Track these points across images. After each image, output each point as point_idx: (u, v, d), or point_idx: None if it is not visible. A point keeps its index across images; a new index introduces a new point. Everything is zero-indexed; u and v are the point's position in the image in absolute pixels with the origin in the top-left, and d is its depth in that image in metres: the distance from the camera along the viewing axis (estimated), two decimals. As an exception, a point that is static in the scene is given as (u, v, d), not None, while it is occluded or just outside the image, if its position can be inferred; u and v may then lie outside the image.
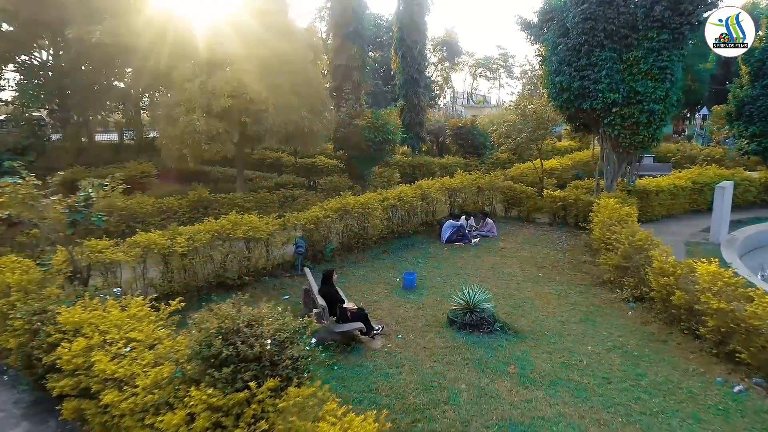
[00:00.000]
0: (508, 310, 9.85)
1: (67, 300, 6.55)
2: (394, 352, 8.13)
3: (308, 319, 5.29)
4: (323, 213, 12.37)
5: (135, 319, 5.88)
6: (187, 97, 12.73)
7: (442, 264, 12.76)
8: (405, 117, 24.10)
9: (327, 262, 12.51)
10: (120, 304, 6.42)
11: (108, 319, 5.81)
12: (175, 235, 9.78)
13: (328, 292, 8.32)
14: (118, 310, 6.07)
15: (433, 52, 54.91)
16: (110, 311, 6.05)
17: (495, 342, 8.46)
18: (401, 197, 14.40)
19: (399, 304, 10.14)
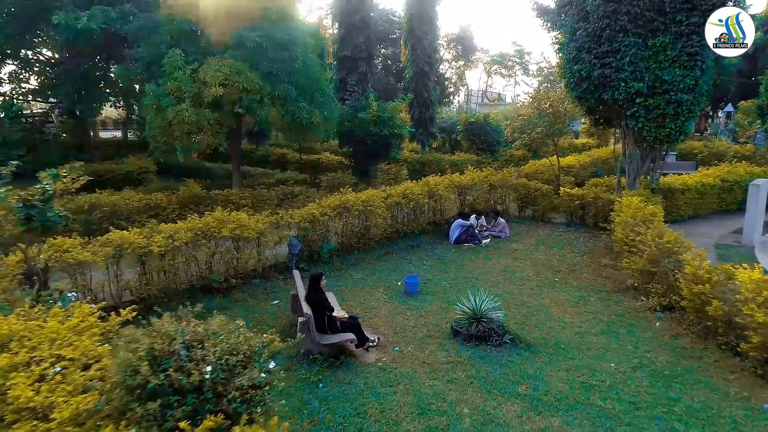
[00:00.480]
0: (520, 319, 8.84)
1: (4, 307, 5.69)
2: (389, 368, 7.16)
3: (269, 336, 4.35)
4: (320, 211, 11.44)
5: (75, 332, 4.98)
6: (177, 86, 11.88)
7: (449, 267, 11.76)
8: (414, 112, 23.09)
9: (324, 263, 11.59)
10: (66, 312, 5.54)
11: (43, 331, 4.92)
12: (153, 233, 8.91)
13: (315, 299, 7.38)
14: (57, 321, 5.18)
15: (446, 49, 53.87)
16: (49, 321, 5.16)
17: (504, 357, 7.46)
18: (406, 194, 13.43)
19: (399, 311, 9.18)
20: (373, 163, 17.61)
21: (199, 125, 11.84)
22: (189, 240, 9.16)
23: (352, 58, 19.27)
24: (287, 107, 12.72)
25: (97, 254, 8.08)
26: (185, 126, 11.60)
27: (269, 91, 12.42)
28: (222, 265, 10.11)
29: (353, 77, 19.00)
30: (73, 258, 7.75)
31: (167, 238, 8.88)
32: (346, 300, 9.63)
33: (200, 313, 8.75)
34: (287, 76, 12.76)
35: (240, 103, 12.20)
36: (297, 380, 6.82)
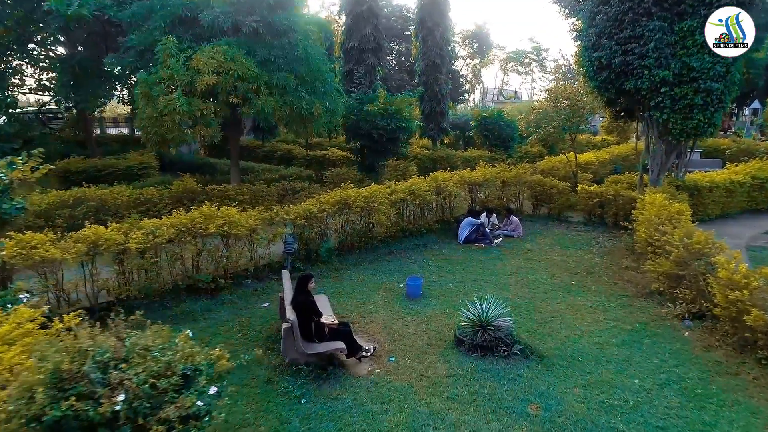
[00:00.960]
0: (532, 326, 7.99)
1: (-63, 310, 5.04)
2: (382, 381, 6.38)
3: (217, 352, 3.59)
4: (318, 207, 10.69)
5: (4, 341, 4.28)
6: (169, 74, 11.22)
7: (457, 268, 10.92)
8: (425, 106, 22.23)
9: (323, 263, 10.84)
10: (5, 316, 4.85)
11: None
12: (133, 229, 8.23)
13: (301, 303, 6.62)
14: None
15: (461, 46, 52.91)
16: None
17: (513, 370, 6.62)
18: (412, 190, 12.61)
19: (398, 316, 8.39)
20: (380, 159, 16.81)
21: (191, 115, 11.16)
22: (172, 237, 8.46)
23: (359, 49, 18.50)
24: (286, 97, 11.98)
25: (68, 251, 7.40)
26: (176, 116, 10.92)
27: (266, 80, 11.69)
28: (210, 264, 9.42)
29: (360, 69, 18.24)
30: (40, 255, 7.08)
31: (147, 235, 8.20)
32: (342, 303, 8.88)
33: (180, 315, 8.18)
34: (286, 65, 12.03)
35: (235, 92, 11.50)
36: (278, 394, 6.07)
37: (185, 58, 11.56)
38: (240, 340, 7.50)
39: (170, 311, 8.33)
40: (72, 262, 7.47)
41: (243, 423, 5.56)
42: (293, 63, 12.12)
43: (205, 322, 8.11)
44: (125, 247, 7.88)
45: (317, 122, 12.74)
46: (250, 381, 6.37)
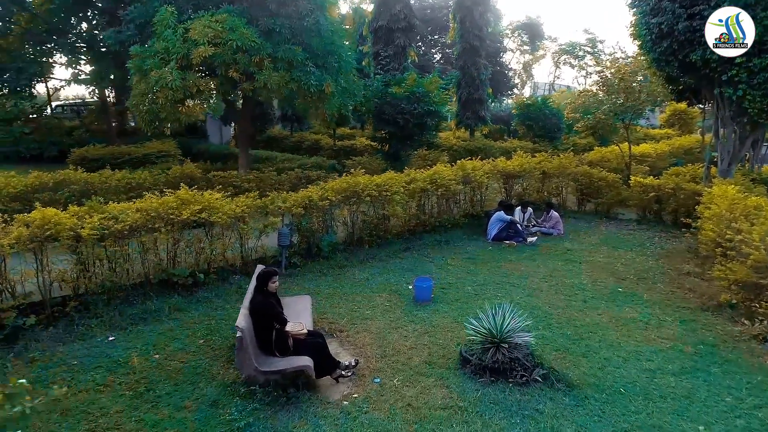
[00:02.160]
0: (564, 343, 6.33)
1: None
2: (356, 411, 4.92)
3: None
4: (320, 194, 9.34)
5: None
6: (164, 47, 10.14)
7: (480, 268, 9.32)
8: (461, 93, 20.53)
9: (324, 259, 9.49)
10: None
11: None
12: (92, 212, 7.11)
13: (259, 306, 5.26)
14: None
15: (511, 38, 50.57)
16: None
17: (531, 403, 5.02)
18: (434, 179, 11.07)
19: (398, 324, 6.91)
20: (406, 146, 15.30)
21: (186, 91, 10.03)
22: (138, 223, 7.28)
23: (388, 28, 17.06)
24: (293, 72, 10.67)
25: (7, 236, 6.32)
26: (169, 92, 9.81)
27: (270, 53, 10.43)
28: (191, 257, 8.24)
29: (389, 50, 16.79)
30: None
31: (108, 220, 7.05)
32: (334, 306, 7.49)
33: (143, 314, 6.98)
34: (293, 36, 10.74)
35: (235, 65, 10.29)
36: (218, 423, 4.72)
37: (184, 30, 10.46)
38: (200, 347, 6.22)
39: (133, 309, 7.16)
40: (10, 249, 6.37)
41: (161, 462, 4.25)
42: (302, 34, 10.81)
43: (170, 323, 6.89)
44: (78, 233, 6.74)
45: (329, 102, 11.37)
46: (192, 402, 5.06)
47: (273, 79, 10.35)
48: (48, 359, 5.90)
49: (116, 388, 5.30)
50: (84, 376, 5.55)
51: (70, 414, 4.87)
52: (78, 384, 5.39)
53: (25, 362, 5.83)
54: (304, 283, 8.44)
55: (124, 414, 4.86)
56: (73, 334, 6.50)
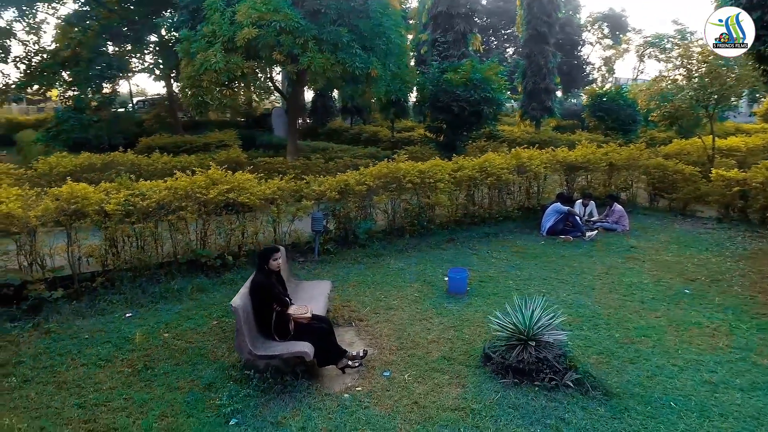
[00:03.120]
0: (609, 347, 5.52)
1: None
2: (356, 406, 4.44)
3: None
4: (357, 179, 8.92)
5: None
6: (212, 30, 10.12)
7: (528, 263, 8.55)
8: (527, 82, 19.44)
9: (360, 246, 9.07)
10: None
11: None
12: (121, 188, 7.09)
13: (258, 286, 4.89)
14: None
15: (590, 31, 48.00)
16: None
17: (557, 411, 4.33)
18: (484, 167, 10.35)
19: (425, 316, 6.35)
20: (461, 136, 14.57)
21: (229, 74, 9.95)
22: (165, 200, 7.18)
23: (447, 14, 16.38)
24: (339, 55, 10.34)
25: (34, 211, 6.38)
26: (213, 74, 9.77)
27: (315, 34, 10.14)
28: (222, 239, 8.08)
29: (448, 36, 16.10)
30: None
31: (135, 197, 7.00)
32: (360, 294, 7.05)
33: (166, 293, 6.86)
34: (339, 17, 10.40)
35: (279, 47, 10.09)
36: (206, 408, 4.40)
37: (231, 13, 10.41)
38: (212, 329, 5.97)
39: (156, 287, 7.07)
40: (37, 221, 6.43)
41: (137, 444, 3.97)
42: (348, 15, 10.45)
43: (188, 303, 6.72)
44: (101, 208, 6.71)
45: (376, 86, 10.93)
46: (186, 383, 4.78)
47: (317, 61, 10.06)
48: (63, 332, 5.87)
49: (117, 365, 5.14)
50: (91, 350, 5.43)
51: (65, 387, 4.73)
52: (82, 357, 5.28)
53: (41, 333, 5.82)
54: (335, 270, 8.05)
55: (116, 391, 4.66)
56: (94, 309, 6.47)
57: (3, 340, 5.60)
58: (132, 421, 4.21)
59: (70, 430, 4.10)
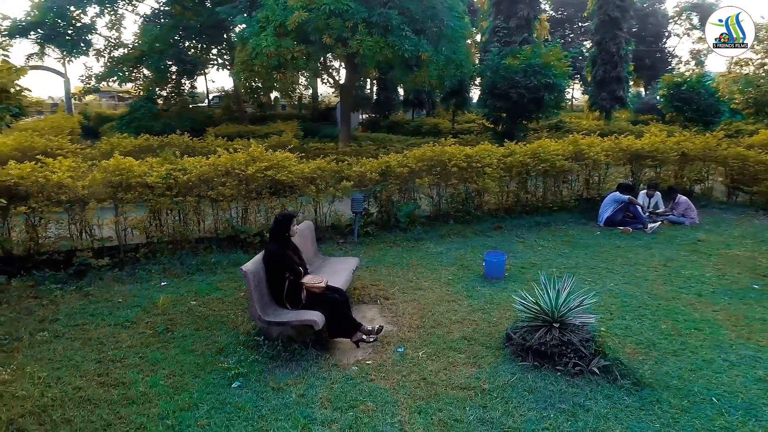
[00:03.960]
0: (652, 337, 5.02)
1: None
2: (361, 378, 4.29)
3: None
4: (398, 161, 8.75)
5: None
6: (265, 15, 10.31)
7: (577, 252, 8.02)
8: (597, 71, 18.39)
9: (402, 230, 8.90)
10: None
11: None
12: (164, 163, 7.34)
13: (273, 255, 4.83)
14: None
15: (676, 22, 45.03)
16: None
17: (578, 397, 3.96)
18: (537, 153, 9.85)
19: (454, 298, 6.08)
20: (520, 125, 13.99)
21: (280, 58, 10.08)
22: (205, 175, 7.35)
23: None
24: (389, 38, 10.20)
25: (81, 180, 6.72)
26: (263, 58, 9.93)
27: (364, 17, 10.06)
28: (261, 216, 8.18)
29: (510, 23, 15.50)
30: (45, 177, 6.48)
31: (176, 171, 7.21)
32: (393, 274, 6.89)
33: (202, 266, 7.02)
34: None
35: (328, 31, 10.10)
36: (214, 370, 4.40)
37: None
38: (238, 299, 6.02)
39: (194, 260, 7.25)
40: (83, 190, 6.76)
41: (140, 394, 4.01)
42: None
43: (222, 275, 6.84)
44: (144, 181, 6.96)
45: (427, 70, 10.69)
46: (201, 346, 4.83)
47: (366, 45, 9.97)
48: (100, 295, 6.13)
49: (140, 326, 5.28)
50: (120, 312, 5.63)
51: (89, 343, 4.91)
52: (111, 319, 5.46)
53: (80, 296, 6.10)
54: (371, 252, 7.93)
55: (134, 349, 4.78)
56: (133, 277, 6.72)
57: (46, 300, 5.92)
58: (141, 377, 4.28)
59: (84, 381, 4.22)
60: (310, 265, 5.99)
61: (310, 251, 6.14)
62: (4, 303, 5.73)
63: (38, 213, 6.71)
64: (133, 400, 3.96)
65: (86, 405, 3.90)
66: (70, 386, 4.15)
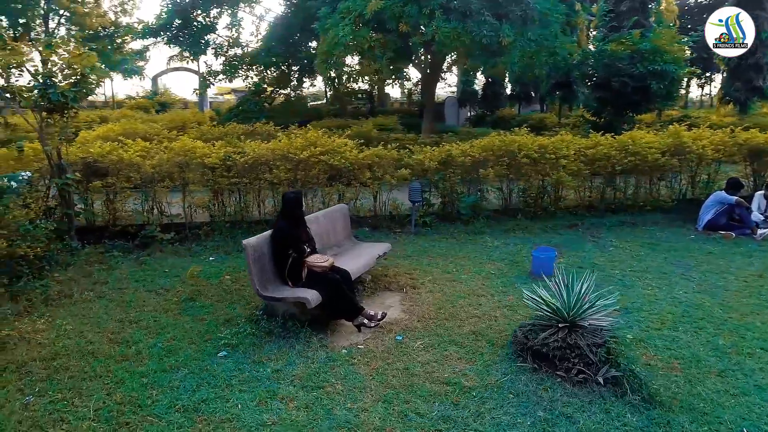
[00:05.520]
0: (697, 353, 4.25)
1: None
2: (343, 361, 4.15)
3: None
4: (460, 150, 8.37)
5: None
6: (347, 6, 10.47)
7: (654, 255, 7.07)
8: (729, 57, 16.05)
9: (463, 222, 8.52)
10: None
11: None
12: (226, 146, 7.75)
13: (279, 233, 4.84)
14: None
15: None
16: None
17: (569, 407, 3.47)
18: (626, 146, 8.86)
19: (486, 292, 5.67)
20: (625, 117, 12.66)
21: (357, 47, 10.16)
22: (262, 158, 7.63)
23: (623, -20, 14.35)
24: (467, 23, 9.82)
25: (150, 158, 7.32)
26: (341, 48, 10.09)
27: (441, 2, 9.78)
28: (319, 201, 8.31)
29: (623, 5, 14.08)
30: (117, 156, 7.16)
31: (235, 154, 7.58)
32: (432, 265, 6.62)
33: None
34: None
35: (405, 18, 9.96)
36: (211, 339, 4.54)
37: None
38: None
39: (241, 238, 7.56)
40: (148, 168, 7.35)
41: (136, 353, 4.25)
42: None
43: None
44: (204, 161, 7.40)
45: (512, 56, 10.11)
46: (210, 317, 5.00)
47: (442, 31, 9.67)
48: (153, 264, 6.63)
49: (170, 294, 5.61)
50: (160, 280, 6.04)
51: (121, 305, 5.32)
52: (149, 285, 5.88)
53: (137, 264, 6.65)
54: (421, 242, 7.69)
55: (153, 314, 5.09)
56: (189, 251, 7.19)
57: (105, 265, 6.54)
58: (145, 338, 4.54)
59: (97, 337, 4.58)
60: (338, 248, 5.96)
61: (340, 234, 6.09)
62: (71, 265, 6.41)
63: (115, 189, 7.42)
64: (127, 358, 4.20)
65: (88, 357, 4.21)
66: (84, 340, 4.52)
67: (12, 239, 5.42)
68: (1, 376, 3.94)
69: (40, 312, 5.10)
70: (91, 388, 3.76)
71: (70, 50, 6.17)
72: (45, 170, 6.80)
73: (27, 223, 5.64)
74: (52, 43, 6.08)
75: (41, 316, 4.97)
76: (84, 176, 7.29)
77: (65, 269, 6.26)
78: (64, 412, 3.47)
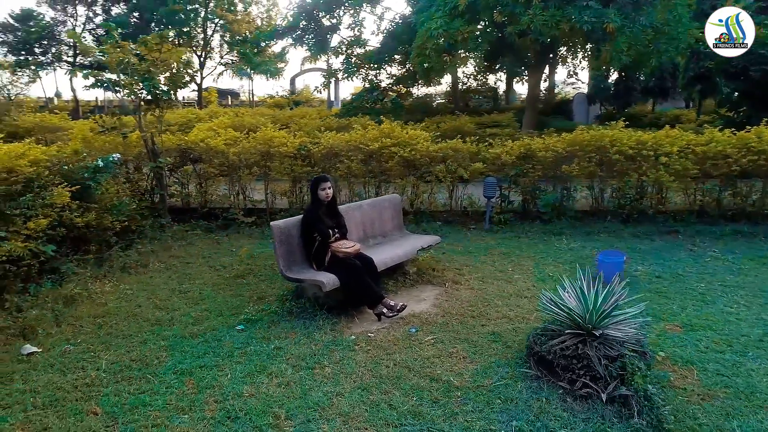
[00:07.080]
0: (751, 381, 3.56)
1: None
2: (345, 347, 4.13)
3: None
4: (538, 144, 7.83)
5: None
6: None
7: (758, 270, 6.01)
8: None
9: (543, 222, 7.99)
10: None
11: None
12: (303, 135, 8.10)
13: (306, 217, 4.93)
14: None
15: None
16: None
17: (557, 422, 3.12)
18: (747, 142, 7.61)
19: (530, 293, 5.27)
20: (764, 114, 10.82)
21: (450, 39, 9.97)
22: (336, 149, 7.85)
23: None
24: (566, 10, 9.16)
25: (234, 147, 7.90)
26: (432, 41, 10.00)
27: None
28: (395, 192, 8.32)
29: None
30: (205, 144, 7.82)
31: (311, 144, 7.89)
32: (485, 263, 6.31)
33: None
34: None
35: (499, 8, 9.56)
36: (238, 315, 4.78)
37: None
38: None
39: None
40: (233, 156, 7.91)
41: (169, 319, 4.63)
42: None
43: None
44: (278, 150, 7.80)
45: (618, 44, 9.22)
46: (249, 293, 5.30)
47: (538, 20, 9.12)
48: (226, 244, 7.16)
49: (225, 271, 6.05)
50: (223, 258, 6.54)
51: (181, 277, 5.84)
52: (213, 262, 6.37)
53: (213, 242, 7.25)
54: (489, 240, 7.35)
55: (201, 287, 5.53)
56: (262, 235, 7.62)
57: (185, 241, 7.20)
58: (184, 307, 4.93)
59: (147, 302, 5.07)
60: (383, 238, 5.94)
61: (387, 224, 6.05)
62: (158, 240, 7.14)
63: (205, 174, 8.13)
64: (161, 323, 4.60)
65: (130, 319, 4.68)
66: (134, 303, 5.04)
67: (102, 213, 6.17)
68: (59, 326, 4.53)
69: (114, 277, 5.77)
70: (118, 344, 4.18)
71: (161, 48, 6.87)
72: (145, 155, 7.66)
73: (114, 199, 6.39)
74: (148, 41, 6.81)
75: (112, 281, 5.63)
76: (180, 161, 8.08)
77: (152, 243, 7.00)
78: (86, 361, 3.91)
